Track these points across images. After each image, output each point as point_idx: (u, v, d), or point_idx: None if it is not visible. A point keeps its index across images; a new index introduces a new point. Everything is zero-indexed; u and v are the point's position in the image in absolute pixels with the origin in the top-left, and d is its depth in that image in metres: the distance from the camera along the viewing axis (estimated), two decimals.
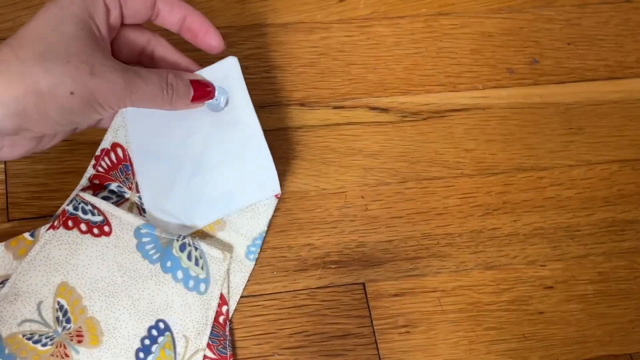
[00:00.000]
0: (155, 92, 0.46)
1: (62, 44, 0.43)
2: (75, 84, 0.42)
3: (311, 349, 0.53)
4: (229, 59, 0.50)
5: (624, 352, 0.56)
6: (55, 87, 0.42)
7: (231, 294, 0.52)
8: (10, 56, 0.42)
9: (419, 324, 0.55)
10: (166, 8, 0.48)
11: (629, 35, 0.67)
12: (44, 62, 0.42)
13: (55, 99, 0.42)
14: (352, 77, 0.61)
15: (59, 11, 0.44)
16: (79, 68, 0.42)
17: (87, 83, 0.43)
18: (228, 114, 0.51)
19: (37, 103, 0.42)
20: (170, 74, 0.47)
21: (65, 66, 0.42)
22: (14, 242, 0.50)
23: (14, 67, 0.41)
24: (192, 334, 0.50)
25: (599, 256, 0.59)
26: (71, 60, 0.42)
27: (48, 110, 0.42)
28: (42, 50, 0.42)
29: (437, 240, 0.57)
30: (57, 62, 0.42)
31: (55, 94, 0.42)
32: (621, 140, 0.63)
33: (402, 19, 0.64)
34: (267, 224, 0.54)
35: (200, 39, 0.50)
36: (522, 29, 0.65)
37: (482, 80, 0.63)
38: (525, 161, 0.61)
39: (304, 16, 0.62)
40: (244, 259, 0.53)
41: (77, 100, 0.43)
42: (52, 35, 0.43)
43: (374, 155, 0.59)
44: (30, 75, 0.41)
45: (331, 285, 0.55)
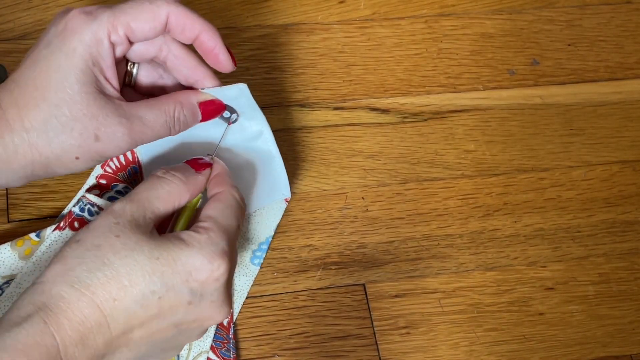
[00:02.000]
0: (161, 132, 0.46)
1: (66, 108, 0.42)
2: (80, 150, 0.43)
3: (311, 350, 0.53)
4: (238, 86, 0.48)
5: (625, 353, 0.56)
6: (61, 155, 0.43)
7: (235, 298, 0.52)
8: (16, 123, 0.42)
9: (419, 325, 0.55)
10: (178, 27, 0.45)
11: (629, 37, 0.67)
12: (47, 131, 0.42)
13: (62, 163, 0.43)
14: (352, 78, 0.61)
15: (62, 63, 0.42)
16: (83, 135, 0.42)
17: (92, 147, 0.43)
18: (239, 122, 0.50)
19: (45, 167, 0.43)
20: (177, 108, 0.46)
21: (69, 135, 0.42)
22: (19, 242, 0.50)
23: (20, 137, 0.42)
24: None
25: (600, 257, 0.59)
26: (75, 127, 0.42)
27: (55, 171, 0.44)
28: (45, 117, 0.42)
29: (437, 242, 0.57)
30: (61, 132, 0.42)
31: (61, 159, 0.43)
32: (622, 141, 0.63)
33: (402, 20, 0.64)
34: (274, 229, 0.54)
35: (211, 57, 0.47)
36: (523, 30, 0.65)
37: (482, 82, 0.63)
38: (525, 162, 0.61)
39: (305, 17, 0.62)
40: (248, 263, 0.53)
41: (82, 162, 0.44)
42: (56, 95, 0.42)
43: (374, 156, 0.59)
44: (36, 146, 0.42)
45: (331, 287, 0.55)
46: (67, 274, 0.39)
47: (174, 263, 0.40)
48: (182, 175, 0.44)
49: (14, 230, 0.52)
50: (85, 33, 0.43)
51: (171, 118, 0.46)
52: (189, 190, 0.44)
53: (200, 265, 0.41)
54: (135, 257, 0.40)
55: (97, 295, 0.38)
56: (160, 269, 0.40)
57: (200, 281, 0.41)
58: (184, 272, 0.40)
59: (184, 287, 0.40)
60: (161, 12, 0.44)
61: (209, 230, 0.42)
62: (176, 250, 0.41)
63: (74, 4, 0.59)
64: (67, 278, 0.39)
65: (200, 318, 0.42)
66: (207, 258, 0.41)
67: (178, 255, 0.41)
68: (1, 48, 0.57)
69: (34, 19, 0.58)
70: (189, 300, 0.41)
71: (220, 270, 0.41)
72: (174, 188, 0.44)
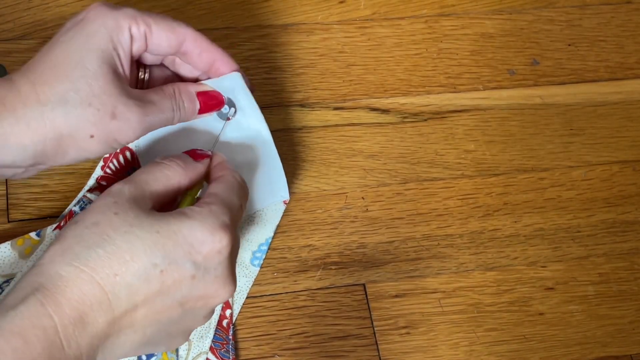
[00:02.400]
0: (168, 117, 0.46)
1: (84, 84, 0.42)
2: (96, 128, 0.42)
3: (311, 350, 0.53)
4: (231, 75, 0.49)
5: (625, 353, 0.56)
6: (75, 132, 0.42)
7: (235, 298, 0.52)
8: (31, 97, 0.41)
9: (419, 325, 0.55)
10: (195, 50, 0.46)
11: (629, 36, 0.67)
12: (65, 105, 0.41)
13: (75, 141, 0.42)
14: (352, 78, 0.61)
15: (83, 42, 0.42)
16: (100, 111, 0.42)
17: (108, 126, 0.42)
18: (237, 121, 0.51)
19: (56, 145, 0.42)
20: (177, 91, 0.47)
21: (87, 109, 0.42)
22: (20, 241, 0.50)
23: (34, 110, 0.41)
24: (195, 337, 0.50)
25: (600, 257, 0.59)
26: (93, 103, 0.42)
27: (66, 151, 0.43)
28: (63, 91, 0.41)
29: (437, 242, 0.57)
30: (79, 106, 0.41)
31: (75, 137, 0.42)
32: (622, 141, 0.63)
33: (402, 20, 0.64)
34: (274, 230, 0.54)
35: None
36: (523, 30, 0.65)
37: (482, 82, 0.63)
38: (525, 162, 0.61)
39: (305, 17, 0.62)
40: (248, 264, 0.53)
41: (96, 142, 0.43)
42: (74, 71, 0.42)
43: (374, 156, 0.59)
44: (51, 119, 0.41)
45: (331, 287, 0.55)
46: (65, 252, 0.38)
47: (175, 236, 0.39)
48: (180, 161, 0.44)
49: (14, 230, 0.52)
50: (108, 18, 0.43)
51: (175, 102, 0.46)
52: (187, 175, 0.44)
53: (202, 237, 0.40)
54: (135, 232, 0.39)
55: (97, 272, 0.37)
56: (162, 241, 0.39)
57: (203, 254, 0.40)
58: (186, 244, 0.39)
59: (186, 260, 0.39)
60: (181, 30, 0.46)
61: (210, 204, 0.41)
62: (177, 223, 0.40)
63: (75, 4, 0.59)
64: (65, 256, 0.38)
65: (206, 295, 0.41)
66: (208, 230, 0.40)
67: (179, 228, 0.39)
68: (1, 48, 0.57)
69: (34, 19, 0.58)
70: (192, 274, 0.40)
71: (223, 243, 0.40)
72: (172, 172, 0.43)
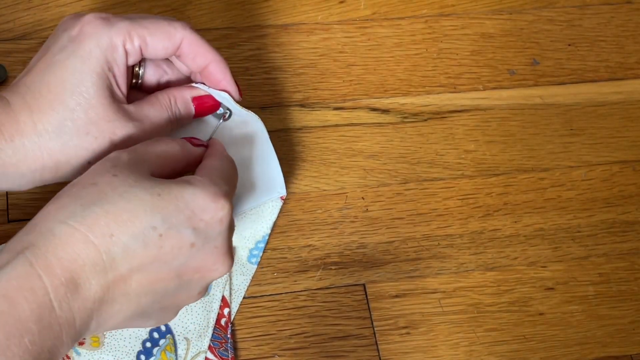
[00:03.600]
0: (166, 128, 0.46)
1: (81, 112, 0.41)
2: (94, 155, 0.42)
3: (311, 350, 0.53)
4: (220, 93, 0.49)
5: (625, 354, 0.56)
6: (74, 159, 0.42)
7: (233, 297, 0.52)
8: (28, 125, 0.41)
9: (419, 325, 0.55)
10: (190, 54, 0.46)
11: (629, 37, 0.67)
12: (62, 135, 0.41)
13: (72, 168, 0.42)
14: (352, 78, 0.61)
15: (79, 66, 0.42)
16: (98, 139, 0.42)
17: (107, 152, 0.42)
18: (232, 119, 0.51)
19: (54, 171, 0.42)
20: (172, 101, 0.46)
21: (84, 138, 0.42)
22: None
23: (32, 141, 0.41)
24: (194, 336, 0.50)
25: (600, 257, 0.59)
26: (90, 131, 0.42)
27: (64, 175, 0.43)
28: (60, 120, 0.41)
29: (437, 242, 0.57)
30: (75, 135, 0.41)
31: (72, 163, 0.42)
32: (622, 141, 0.63)
33: (402, 20, 0.64)
34: (271, 227, 0.54)
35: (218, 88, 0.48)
36: (523, 30, 0.65)
37: (482, 82, 0.63)
38: (525, 162, 0.61)
39: (305, 17, 0.62)
40: (245, 262, 0.53)
41: None
42: (71, 99, 0.41)
43: (374, 156, 0.59)
44: (48, 149, 0.41)
45: (331, 287, 0.55)
46: (59, 210, 0.36)
47: (176, 200, 0.38)
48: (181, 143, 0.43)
49: (14, 230, 0.52)
50: (102, 37, 0.42)
51: (172, 113, 0.46)
52: (184, 157, 0.43)
53: (203, 203, 0.38)
54: (135, 192, 0.37)
55: (92, 231, 0.35)
56: (162, 204, 0.37)
57: (205, 221, 0.38)
58: (188, 209, 0.38)
59: (187, 227, 0.38)
60: (177, 35, 0.45)
61: (210, 174, 0.41)
62: (179, 189, 0.38)
63: (75, 4, 0.59)
64: (59, 214, 0.36)
65: (204, 267, 0.40)
66: (210, 197, 0.39)
67: (181, 193, 0.38)
68: (1, 48, 0.57)
69: (34, 19, 0.58)
70: (192, 241, 0.38)
71: (224, 211, 0.39)
72: (170, 149, 0.42)
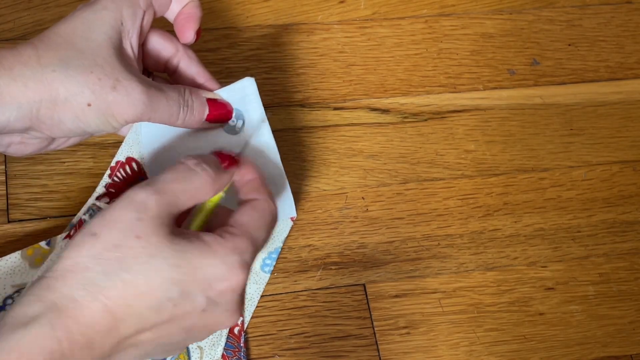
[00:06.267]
0: (173, 109, 0.45)
1: (89, 53, 0.41)
2: (95, 96, 0.41)
3: (311, 350, 0.53)
4: (246, 80, 0.49)
5: (625, 354, 0.56)
6: (73, 97, 0.41)
7: (246, 305, 0.52)
8: (32, 58, 0.41)
9: (419, 325, 0.55)
10: None
11: (629, 36, 0.67)
12: (67, 69, 0.41)
13: (71, 109, 0.41)
14: (352, 78, 0.61)
15: (91, 16, 0.42)
16: (102, 80, 0.41)
17: (107, 96, 0.42)
18: (245, 136, 0.50)
19: (51, 109, 0.41)
20: (187, 91, 0.46)
21: (88, 76, 0.41)
22: (30, 251, 0.50)
23: (34, 70, 0.40)
24: (207, 344, 0.50)
25: (600, 257, 0.59)
26: (95, 71, 0.41)
27: (61, 118, 0.42)
28: (67, 56, 0.41)
29: (437, 242, 0.57)
30: (80, 71, 0.41)
31: (71, 103, 0.41)
32: (622, 141, 0.63)
33: (402, 20, 0.64)
34: (283, 241, 0.54)
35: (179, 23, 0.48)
36: (523, 30, 0.65)
37: (482, 82, 0.63)
38: (525, 162, 0.61)
39: (305, 17, 0.62)
40: (259, 271, 0.53)
41: (93, 112, 0.42)
42: (80, 42, 0.41)
43: (374, 156, 0.59)
44: (49, 81, 0.40)
45: (332, 287, 0.55)
46: (81, 273, 0.37)
47: (194, 272, 0.38)
48: (212, 172, 0.41)
49: (14, 230, 0.52)
50: None
51: (182, 98, 0.45)
52: (214, 188, 0.42)
53: (221, 275, 0.39)
54: (156, 264, 0.37)
55: (111, 300, 0.37)
56: (180, 277, 0.38)
57: (218, 290, 0.39)
58: (205, 281, 0.39)
59: (201, 296, 0.39)
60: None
61: (236, 238, 0.40)
62: (199, 258, 0.38)
63: (74, 4, 0.59)
64: (81, 278, 0.37)
65: (211, 324, 0.41)
66: (228, 268, 0.39)
67: (200, 264, 0.38)
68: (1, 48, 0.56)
69: (34, 19, 0.58)
70: (203, 308, 0.39)
71: (239, 283, 0.39)
72: (202, 184, 0.41)
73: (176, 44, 0.49)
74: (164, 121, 0.46)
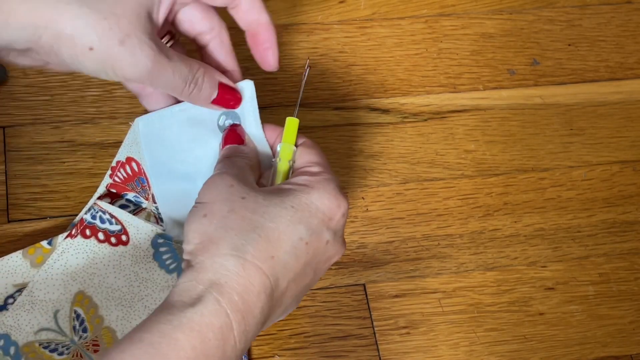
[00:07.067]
0: (178, 83, 0.44)
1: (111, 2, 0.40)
2: (99, 43, 0.40)
3: (311, 350, 0.53)
4: (245, 82, 0.48)
5: (625, 354, 0.56)
6: (78, 36, 0.40)
7: None
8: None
9: (419, 325, 0.55)
10: (247, 4, 0.46)
11: (629, 36, 0.67)
12: (81, 6, 0.39)
13: (72, 46, 0.40)
14: (352, 78, 0.61)
15: None
16: (112, 30, 0.40)
17: (112, 48, 0.40)
18: None
19: (53, 40, 0.40)
20: (201, 70, 0.45)
21: (100, 22, 0.40)
22: (31, 250, 0.50)
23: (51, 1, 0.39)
24: None
25: (600, 257, 0.59)
26: (109, 18, 0.40)
27: (61, 52, 0.40)
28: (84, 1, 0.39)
29: (437, 242, 0.57)
30: (94, 13, 0.39)
31: (74, 41, 0.40)
32: (622, 141, 0.63)
33: (402, 20, 0.64)
34: None
35: (259, 51, 0.48)
36: (523, 30, 0.65)
37: (482, 82, 0.63)
38: (525, 162, 0.61)
39: (305, 17, 0.62)
40: None
41: (93, 58, 0.40)
42: None
43: (374, 156, 0.59)
44: (60, 12, 0.39)
45: (332, 287, 0.55)
46: (219, 243, 0.39)
47: (308, 207, 0.41)
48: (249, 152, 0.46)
49: (14, 230, 0.52)
50: None
51: (192, 75, 0.45)
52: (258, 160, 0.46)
53: (329, 204, 0.42)
54: (274, 212, 0.40)
55: (257, 258, 0.39)
56: (299, 215, 0.41)
57: (335, 220, 0.42)
58: (320, 213, 0.41)
59: (324, 228, 0.42)
60: None
61: (321, 172, 0.44)
62: (305, 196, 0.42)
63: None
64: (223, 247, 0.39)
65: (330, 256, 0.43)
66: (333, 196, 0.42)
67: (309, 199, 0.41)
68: None
69: None
70: (327, 239, 0.42)
71: (345, 206, 0.43)
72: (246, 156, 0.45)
73: (213, 23, 0.47)
74: (167, 91, 0.46)
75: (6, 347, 0.48)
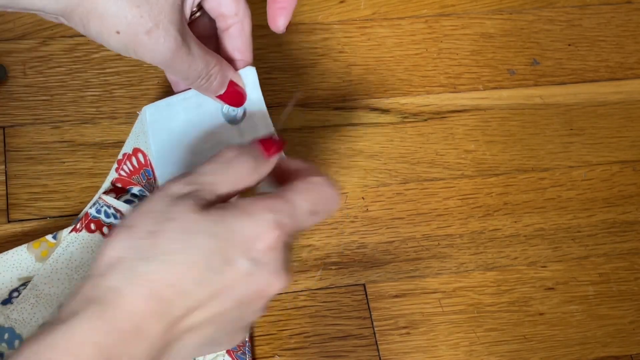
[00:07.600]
0: (191, 76, 0.45)
1: None
2: (127, 28, 0.41)
3: (312, 350, 0.53)
4: (247, 69, 0.49)
5: (625, 354, 0.56)
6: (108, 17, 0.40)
7: None
8: None
9: (419, 325, 0.55)
10: None
11: (629, 36, 0.67)
12: None
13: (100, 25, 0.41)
14: (352, 78, 0.61)
15: None
16: (143, 18, 0.41)
17: (137, 36, 0.41)
18: (246, 127, 0.50)
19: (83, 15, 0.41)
20: (217, 67, 0.46)
21: (132, 9, 0.40)
22: (36, 244, 0.50)
23: None
24: None
25: (600, 257, 0.59)
26: (142, 6, 0.40)
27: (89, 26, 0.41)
28: None
29: (437, 242, 0.57)
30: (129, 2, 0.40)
31: (103, 21, 0.41)
32: (622, 141, 0.63)
33: (402, 20, 0.64)
34: None
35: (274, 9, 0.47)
36: (523, 30, 0.65)
37: (482, 81, 0.63)
38: (525, 162, 0.61)
39: (305, 17, 0.62)
40: None
41: (118, 39, 0.41)
42: None
43: (374, 156, 0.59)
44: None
45: (332, 287, 0.55)
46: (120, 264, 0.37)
47: (231, 236, 0.38)
48: (253, 162, 0.41)
49: (14, 230, 0.52)
50: None
51: (207, 72, 0.45)
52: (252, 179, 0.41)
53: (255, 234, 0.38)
54: (191, 239, 0.38)
55: (154, 283, 0.36)
56: (218, 245, 0.38)
57: (258, 250, 0.39)
58: (242, 243, 0.38)
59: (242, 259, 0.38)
60: None
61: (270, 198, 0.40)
62: (234, 222, 0.38)
63: None
64: (120, 269, 0.37)
65: (262, 288, 0.40)
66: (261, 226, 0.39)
67: (235, 227, 0.38)
68: (1, 48, 0.57)
69: (34, 19, 0.58)
70: (248, 271, 0.38)
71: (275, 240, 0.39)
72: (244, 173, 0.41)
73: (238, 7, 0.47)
74: (178, 78, 0.47)
75: (11, 341, 0.48)
